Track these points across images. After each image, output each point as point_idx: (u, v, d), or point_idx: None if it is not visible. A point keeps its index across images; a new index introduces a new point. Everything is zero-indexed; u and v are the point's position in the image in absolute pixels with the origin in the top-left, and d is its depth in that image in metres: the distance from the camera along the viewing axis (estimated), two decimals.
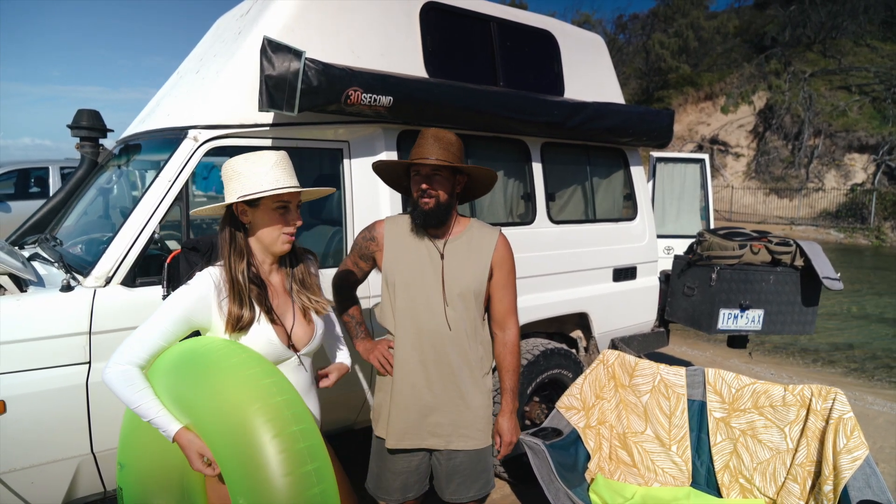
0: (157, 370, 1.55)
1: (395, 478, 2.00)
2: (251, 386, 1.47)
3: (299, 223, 1.67)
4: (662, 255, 4.94)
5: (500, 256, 2.00)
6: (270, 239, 1.64)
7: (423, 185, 1.89)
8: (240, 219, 1.63)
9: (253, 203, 1.61)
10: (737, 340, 4.19)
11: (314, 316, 1.77)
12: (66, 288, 2.04)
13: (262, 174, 1.59)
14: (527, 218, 3.33)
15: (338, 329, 2.01)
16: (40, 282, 2.19)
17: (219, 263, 1.66)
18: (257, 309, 1.62)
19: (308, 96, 2.31)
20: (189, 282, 1.61)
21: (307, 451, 1.44)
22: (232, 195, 1.59)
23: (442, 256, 1.95)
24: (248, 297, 1.60)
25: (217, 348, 1.56)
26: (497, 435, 2.03)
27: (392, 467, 1.99)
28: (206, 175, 9.09)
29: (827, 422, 2.55)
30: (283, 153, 1.66)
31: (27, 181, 9.12)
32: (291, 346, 1.71)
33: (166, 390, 1.51)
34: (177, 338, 1.58)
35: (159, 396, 1.50)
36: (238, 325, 1.58)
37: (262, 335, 1.62)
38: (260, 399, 1.44)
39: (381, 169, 2.04)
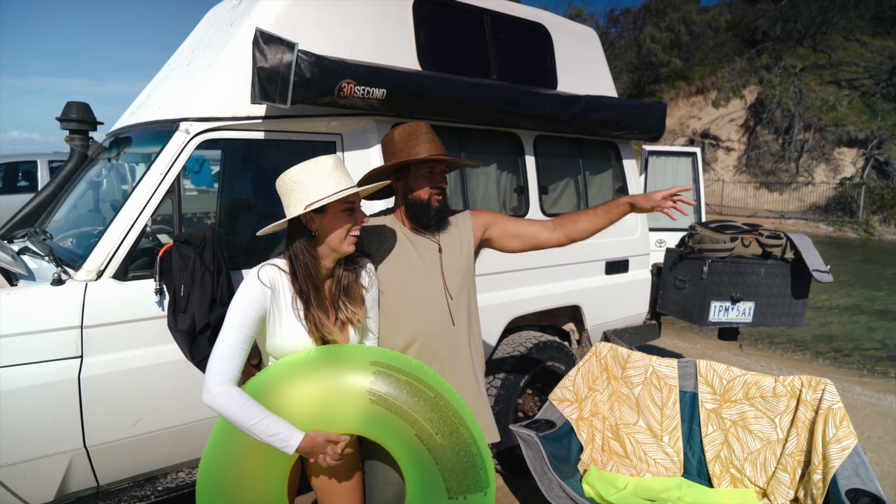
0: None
1: (388, 488, 1.87)
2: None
3: (366, 221, 1.68)
4: (654, 248, 4.96)
5: (479, 221, 2.02)
6: (338, 241, 1.64)
7: (443, 184, 1.89)
8: (308, 227, 1.62)
9: (321, 209, 1.59)
10: (727, 333, 4.22)
11: (350, 327, 1.73)
12: (58, 282, 2.02)
13: (323, 180, 1.58)
14: (520, 211, 3.34)
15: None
16: (31, 275, 2.17)
17: (269, 263, 1.66)
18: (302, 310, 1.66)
19: (301, 88, 2.30)
20: (242, 286, 1.61)
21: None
22: (299, 205, 1.58)
23: (440, 250, 1.93)
24: (311, 300, 1.64)
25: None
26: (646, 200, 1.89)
27: (384, 477, 1.86)
28: (198, 169, 9.02)
29: (816, 412, 2.57)
30: (335, 157, 1.65)
31: (15, 175, 9.03)
32: None
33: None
34: (252, 339, 1.59)
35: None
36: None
37: (297, 336, 1.65)
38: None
39: (377, 174, 1.90)
